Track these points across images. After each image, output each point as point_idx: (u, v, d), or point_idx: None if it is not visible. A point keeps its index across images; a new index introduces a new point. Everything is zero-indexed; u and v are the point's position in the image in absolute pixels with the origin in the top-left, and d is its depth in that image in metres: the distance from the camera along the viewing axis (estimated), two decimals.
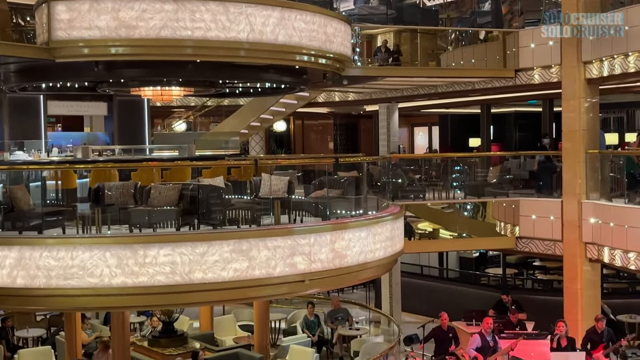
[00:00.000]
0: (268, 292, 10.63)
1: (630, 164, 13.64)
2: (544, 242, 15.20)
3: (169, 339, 13.49)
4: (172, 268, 9.64)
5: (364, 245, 11.30)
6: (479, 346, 11.94)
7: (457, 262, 21.86)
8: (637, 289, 18.79)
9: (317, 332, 15.17)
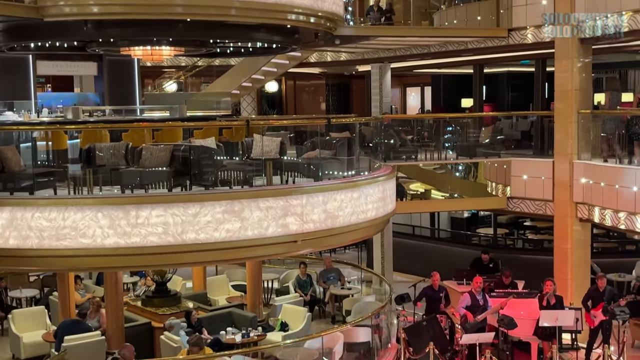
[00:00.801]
0: (260, 252, 10.69)
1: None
2: (535, 202, 15.28)
3: (162, 299, 13.57)
4: (164, 229, 9.66)
5: (356, 206, 11.34)
6: (468, 305, 12.08)
7: (449, 222, 21.98)
8: (627, 248, 18.97)
9: (309, 292, 15.29)
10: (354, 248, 22.27)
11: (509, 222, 21.26)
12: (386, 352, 13.02)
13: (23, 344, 12.55)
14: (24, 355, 12.54)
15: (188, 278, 15.75)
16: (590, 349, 12.51)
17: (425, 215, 21.28)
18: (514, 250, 19.41)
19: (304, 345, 11.77)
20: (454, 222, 21.93)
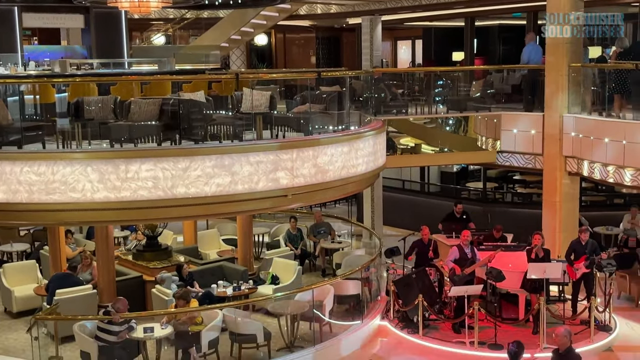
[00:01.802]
0: (251, 206, 10.72)
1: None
2: (525, 156, 15.31)
3: (153, 253, 13.64)
4: (154, 183, 9.65)
5: (346, 160, 11.35)
6: (456, 258, 12.18)
7: (438, 176, 22.06)
8: (615, 201, 19.13)
9: (299, 246, 15.39)
10: (344, 202, 22.36)
11: (499, 176, 21.36)
12: (376, 304, 13.18)
13: (15, 297, 12.63)
14: (16, 308, 12.62)
15: (179, 232, 15.80)
16: (575, 300, 12.69)
17: (415, 169, 21.34)
18: (503, 204, 19.55)
19: (294, 298, 11.90)
20: (443, 176, 22.01)
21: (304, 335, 11.73)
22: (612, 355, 11.54)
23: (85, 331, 10.49)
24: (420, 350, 11.70)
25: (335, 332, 12.02)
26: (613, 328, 12.21)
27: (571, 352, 8.69)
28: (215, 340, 10.87)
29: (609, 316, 12.36)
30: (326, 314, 11.92)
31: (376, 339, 12.33)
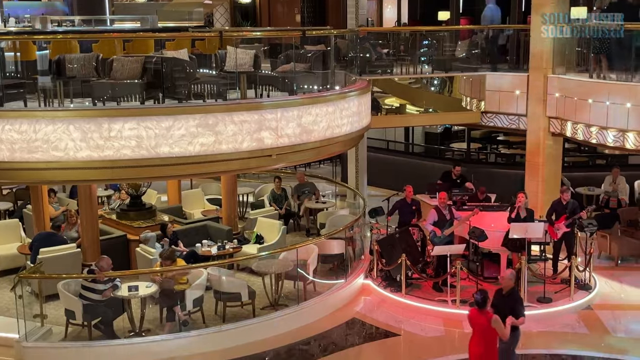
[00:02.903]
0: (235, 166, 10.70)
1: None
2: (509, 117, 15.34)
3: (137, 212, 13.63)
4: (137, 142, 9.60)
5: (331, 120, 11.32)
6: (435, 220, 12.25)
7: (423, 137, 22.05)
8: (597, 162, 19.26)
9: (284, 206, 15.42)
10: (329, 162, 22.34)
11: (483, 136, 21.39)
12: (359, 263, 13.29)
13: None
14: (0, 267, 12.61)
15: (163, 192, 15.77)
16: (556, 260, 12.86)
17: (399, 130, 21.30)
18: (486, 164, 19.62)
19: (278, 257, 11.96)
20: (428, 137, 22.00)
21: (288, 294, 11.84)
22: (591, 313, 11.73)
23: (69, 290, 10.51)
24: (402, 309, 11.85)
25: (319, 290, 12.12)
26: (593, 287, 12.41)
27: (514, 294, 8.87)
28: (200, 298, 10.94)
29: (589, 275, 12.55)
30: (310, 273, 12.01)
31: (359, 297, 12.45)
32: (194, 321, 10.90)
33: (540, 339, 10.72)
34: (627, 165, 17.96)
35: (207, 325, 10.86)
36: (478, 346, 8.33)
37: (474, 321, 8.36)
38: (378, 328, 11.31)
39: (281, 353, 10.44)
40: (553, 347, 10.42)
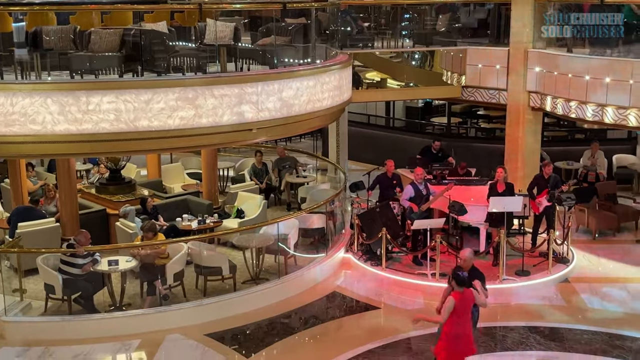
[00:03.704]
0: (215, 140, 10.64)
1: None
2: (489, 91, 15.36)
3: (117, 186, 13.55)
4: (116, 115, 9.51)
5: (312, 94, 11.27)
6: (412, 196, 12.28)
7: (404, 111, 22.06)
8: (576, 137, 19.40)
9: (265, 180, 15.40)
10: (310, 137, 22.32)
11: (463, 111, 21.44)
12: (340, 237, 13.34)
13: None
14: None
15: (142, 166, 15.69)
16: (536, 234, 12.98)
17: (380, 104, 21.29)
18: (466, 139, 19.70)
19: (259, 232, 11.97)
20: (408, 111, 22.02)
21: (269, 268, 11.87)
22: (568, 286, 11.88)
23: (48, 264, 10.46)
24: (383, 282, 11.93)
25: (300, 264, 12.16)
26: (570, 260, 12.55)
27: (475, 271, 8.80)
28: (181, 273, 10.94)
29: (567, 249, 12.69)
30: (291, 247, 12.04)
31: (340, 271, 12.52)
32: (175, 295, 10.91)
33: (518, 312, 10.85)
34: (605, 140, 18.13)
35: (188, 299, 10.87)
36: (457, 326, 8.06)
37: (461, 302, 8.01)
38: (358, 301, 11.38)
39: (262, 326, 10.48)
40: (531, 319, 10.55)
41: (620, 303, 11.11)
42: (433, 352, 8.40)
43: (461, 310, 8.05)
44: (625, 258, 12.95)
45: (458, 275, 8.11)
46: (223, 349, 9.81)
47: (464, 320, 8.12)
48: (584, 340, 9.83)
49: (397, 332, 10.20)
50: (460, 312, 8.03)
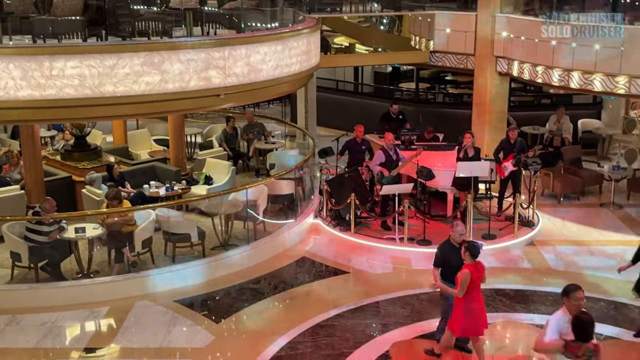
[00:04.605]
0: (182, 106, 10.53)
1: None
2: (457, 57, 15.40)
3: (82, 153, 13.39)
4: (80, 81, 9.35)
5: (280, 59, 11.19)
6: (382, 161, 12.32)
7: (372, 76, 22.03)
8: (542, 102, 19.56)
9: (234, 146, 15.32)
10: (278, 102, 22.22)
11: (431, 76, 21.47)
12: (309, 203, 13.36)
13: None
14: None
15: (108, 132, 15.51)
16: (502, 197, 13.15)
17: (349, 69, 21.23)
18: (434, 104, 19.75)
19: (228, 198, 11.93)
20: (377, 77, 21.99)
21: (238, 234, 11.87)
22: (533, 249, 12.07)
23: (14, 232, 10.34)
24: (351, 247, 12.01)
25: (269, 230, 12.17)
26: (536, 224, 12.74)
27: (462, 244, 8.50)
28: (149, 239, 10.88)
29: (533, 212, 12.87)
30: (260, 213, 12.03)
31: (309, 236, 12.56)
32: (143, 262, 10.87)
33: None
34: (571, 105, 18.33)
35: (157, 266, 10.84)
36: (470, 300, 7.86)
37: (474, 274, 7.78)
38: (327, 266, 11.45)
39: (232, 292, 10.51)
40: (497, 282, 10.71)
41: (584, 265, 11.33)
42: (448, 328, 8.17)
43: (474, 283, 7.83)
44: (589, 221, 13.18)
45: (474, 246, 7.91)
46: (192, 315, 9.82)
47: (476, 293, 7.93)
48: (549, 301, 10.02)
49: (365, 296, 10.30)
50: (473, 284, 7.81)
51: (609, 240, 12.30)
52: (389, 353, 8.74)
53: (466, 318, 7.91)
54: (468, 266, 7.84)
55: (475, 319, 7.96)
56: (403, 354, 8.73)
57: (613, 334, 9.16)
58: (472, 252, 7.84)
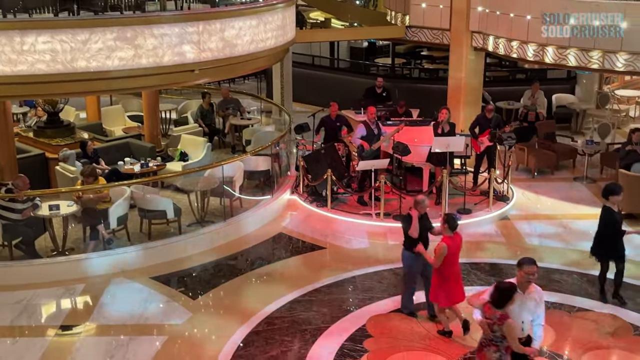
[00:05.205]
0: (156, 81, 10.45)
1: None
2: (433, 31, 15.39)
3: (55, 130, 13.24)
4: (52, 56, 9.21)
5: (255, 34, 11.10)
6: (364, 135, 12.33)
7: (348, 52, 21.96)
8: (517, 77, 19.65)
9: (210, 122, 15.22)
10: (254, 78, 22.09)
11: (407, 52, 21.45)
12: (285, 179, 13.35)
13: None
14: None
15: (81, 108, 15.33)
16: (477, 172, 13.24)
17: (324, 44, 21.14)
18: (410, 79, 19.75)
19: (204, 175, 11.88)
20: (353, 52, 21.93)
21: (215, 211, 11.84)
22: (508, 223, 12.19)
23: None
24: (328, 223, 12.04)
25: (245, 207, 12.16)
26: (510, 198, 12.85)
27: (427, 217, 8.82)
28: (124, 217, 10.82)
29: (507, 187, 12.98)
30: (236, 189, 12.00)
31: (286, 213, 12.56)
32: (119, 239, 10.81)
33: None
34: (545, 80, 18.43)
35: (133, 243, 10.79)
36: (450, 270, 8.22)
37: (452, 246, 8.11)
38: (304, 242, 11.48)
39: (208, 268, 10.51)
40: (472, 256, 10.82)
41: (557, 239, 11.47)
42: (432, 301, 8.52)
43: (452, 254, 8.14)
44: (563, 195, 13.33)
45: (453, 218, 8.20)
46: (169, 291, 9.81)
47: (455, 263, 8.26)
48: None
49: (342, 270, 10.35)
50: (451, 256, 8.13)
51: (582, 213, 12.45)
52: (365, 327, 8.82)
53: (449, 287, 8.24)
54: (446, 239, 8.13)
55: (457, 286, 8.34)
56: (380, 327, 8.81)
57: (586, 307, 9.32)
58: (450, 225, 8.14)
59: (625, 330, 8.79)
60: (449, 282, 8.26)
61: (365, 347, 8.39)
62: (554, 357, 8.19)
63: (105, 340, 8.64)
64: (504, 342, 6.40)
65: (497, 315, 6.36)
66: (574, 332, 8.74)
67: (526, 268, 6.67)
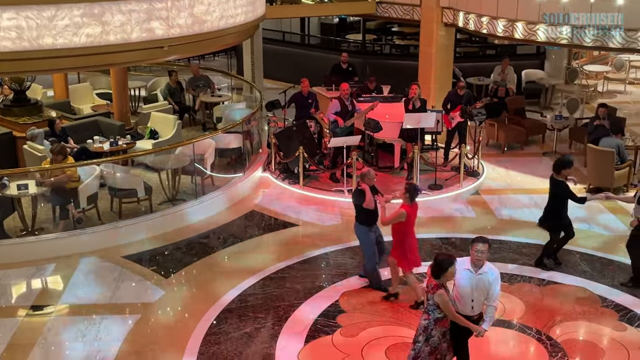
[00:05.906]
0: (124, 58, 10.28)
1: None
2: (403, 7, 15.36)
3: (23, 108, 13.05)
4: (18, 33, 9.02)
5: (224, 10, 10.97)
6: (338, 110, 12.32)
7: (319, 28, 21.85)
8: (487, 53, 19.73)
9: (179, 100, 15.08)
10: (224, 55, 21.90)
11: (377, 28, 21.41)
12: (257, 157, 13.31)
13: None
14: None
15: (49, 86, 15.09)
16: (448, 148, 13.31)
17: (295, 20, 20.99)
18: (381, 56, 19.73)
19: (175, 153, 11.79)
20: (323, 28, 21.82)
21: (186, 189, 11.78)
22: (478, 198, 12.31)
23: None
24: (300, 200, 12.05)
25: (217, 185, 12.11)
26: (481, 173, 12.97)
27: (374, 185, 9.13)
28: (94, 195, 10.72)
29: (478, 162, 13.08)
30: (208, 167, 11.94)
31: (258, 190, 12.54)
32: (89, 218, 10.72)
33: (432, 224, 11.20)
34: (515, 55, 18.53)
35: (103, 222, 10.71)
36: (408, 236, 8.63)
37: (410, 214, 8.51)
38: (277, 219, 11.48)
39: (181, 247, 10.47)
40: (443, 231, 10.92)
41: (527, 213, 11.61)
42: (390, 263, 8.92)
43: (410, 222, 8.54)
44: (532, 170, 13.47)
45: (415, 189, 8.57)
46: (141, 270, 9.77)
47: (412, 231, 8.65)
48: (493, 249, 10.22)
49: (315, 247, 10.39)
50: (409, 223, 8.52)
51: None
52: (338, 302, 8.87)
53: (410, 253, 8.65)
54: (405, 206, 8.51)
55: (414, 253, 8.71)
56: (353, 303, 8.87)
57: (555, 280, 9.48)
58: (411, 195, 8.51)
59: (594, 302, 8.97)
60: (409, 251, 8.61)
61: (338, 322, 8.45)
62: (523, 329, 8.33)
63: (77, 320, 8.60)
64: (435, 312, 6.57)
65: (432, 285, 6.55)
66: (543, 304, 8.89)
67: (475, 245, 6.75)
